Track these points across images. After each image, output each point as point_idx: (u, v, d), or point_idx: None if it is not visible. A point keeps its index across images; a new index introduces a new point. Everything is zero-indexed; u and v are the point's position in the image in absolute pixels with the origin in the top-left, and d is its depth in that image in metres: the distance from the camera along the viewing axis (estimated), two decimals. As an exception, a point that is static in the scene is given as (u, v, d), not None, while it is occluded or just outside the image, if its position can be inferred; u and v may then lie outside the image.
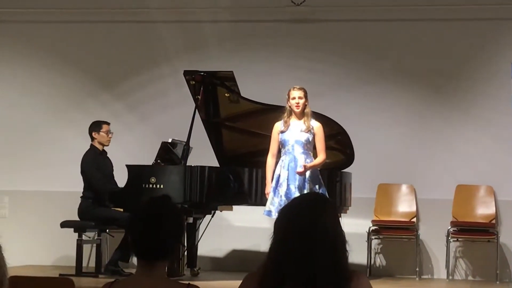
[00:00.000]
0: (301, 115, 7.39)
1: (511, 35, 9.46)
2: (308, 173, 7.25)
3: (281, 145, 7.38)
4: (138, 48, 10.06)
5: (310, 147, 7.36)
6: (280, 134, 7.38)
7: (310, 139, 7.35)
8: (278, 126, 7.42)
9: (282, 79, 9.44)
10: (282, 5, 9.74)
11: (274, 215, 7.15)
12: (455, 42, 9.54)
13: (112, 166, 8.56)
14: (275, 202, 7.22)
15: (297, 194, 7.07)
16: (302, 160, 7.26)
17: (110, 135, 8.51)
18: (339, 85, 9.66)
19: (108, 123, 8.57)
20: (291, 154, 7.30)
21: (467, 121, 9.45)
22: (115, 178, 8.52)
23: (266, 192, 7.37)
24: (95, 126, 8.53)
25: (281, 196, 7.19)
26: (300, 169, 7.20)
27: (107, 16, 10.11)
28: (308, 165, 7.23)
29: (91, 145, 8.52)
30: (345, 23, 9.79)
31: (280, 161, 7.35)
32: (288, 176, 7.24)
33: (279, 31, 9.89)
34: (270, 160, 7.42)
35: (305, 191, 7.07)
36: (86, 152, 8.51)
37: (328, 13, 9.79)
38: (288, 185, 7.22)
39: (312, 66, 9.65)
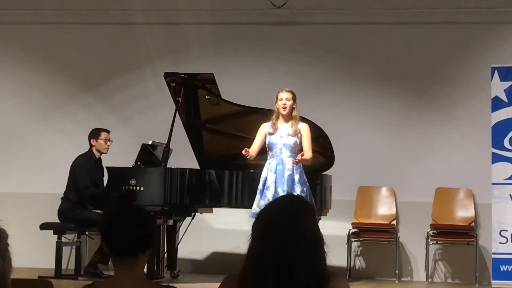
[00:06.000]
0: (289, 117, 7.39)
1: (491, 39, 9.51)
2: (297, 176, 7.23)
3: (268, 147, 7.37)
4: (120, 50, 10.02)
5: (297, 150, 7.34)
6: (267, 136, 7.37)
7: (298, 142, 7.35)
8: (266, 127, 7.41)
9: (263, 82, 9.46)
10: (263, 7, 9.74)
11: None
12: (436, 45, 9.58)
13: (103, 175, 8.50)
14: (261, 205, 7.14)
15: None
16: (289, 163, 7.24)
17: (108, 143, 8.49)
18: (320, 88, 9.67)
19: (107, 131, 8.54)
20: (279, 157, 7.30)
21: (447, 124, 9.49)
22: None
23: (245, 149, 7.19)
24: (94, 133, 8.51)
25: (268, 199, 7.14)
26: (291, 164, 7.16)
27: (89, 17, 10.07)
28: (298, 158, 7.18)
29: (89, 150, 8.50)
30: (327, 26, 9.81)
31: (267, 164, 7.33)
32: (275, 179, 7.22)
33: (260, 34, 9.89)
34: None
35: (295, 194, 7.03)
36: (82, 154, 8.49)
37: (309, 16, 9.81)
38: (275, 188, 7.19)
39: (293, 68, 9.65)
